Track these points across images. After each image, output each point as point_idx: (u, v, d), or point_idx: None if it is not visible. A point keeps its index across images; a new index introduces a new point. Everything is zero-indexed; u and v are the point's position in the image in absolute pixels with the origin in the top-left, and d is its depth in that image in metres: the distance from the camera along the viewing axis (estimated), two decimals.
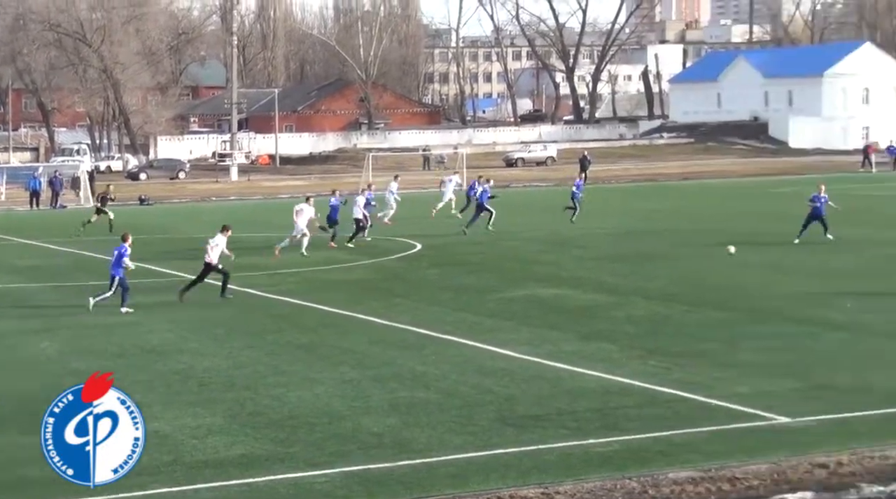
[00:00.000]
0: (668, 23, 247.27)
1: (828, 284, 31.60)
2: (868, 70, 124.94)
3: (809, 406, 18.60)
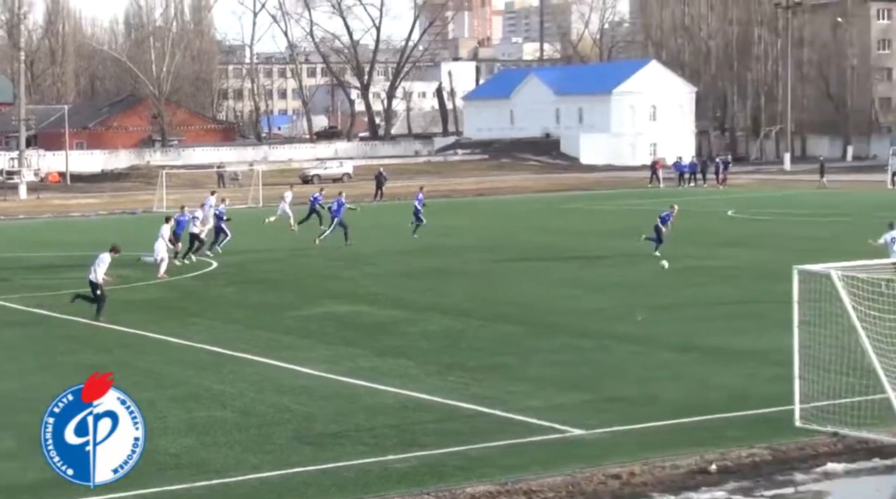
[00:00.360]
0: (461, 40, 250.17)
1: (619, 298, 32.33)
2: (655, 88, 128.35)
3: (602, 418, 19.02)
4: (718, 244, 46.14)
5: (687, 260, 40.30)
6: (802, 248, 42.39)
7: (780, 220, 56.50)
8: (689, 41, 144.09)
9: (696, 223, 55.51)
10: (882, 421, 17.63)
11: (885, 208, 60.61)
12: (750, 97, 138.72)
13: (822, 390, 18.61)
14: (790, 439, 17.48)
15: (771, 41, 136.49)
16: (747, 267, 38.21)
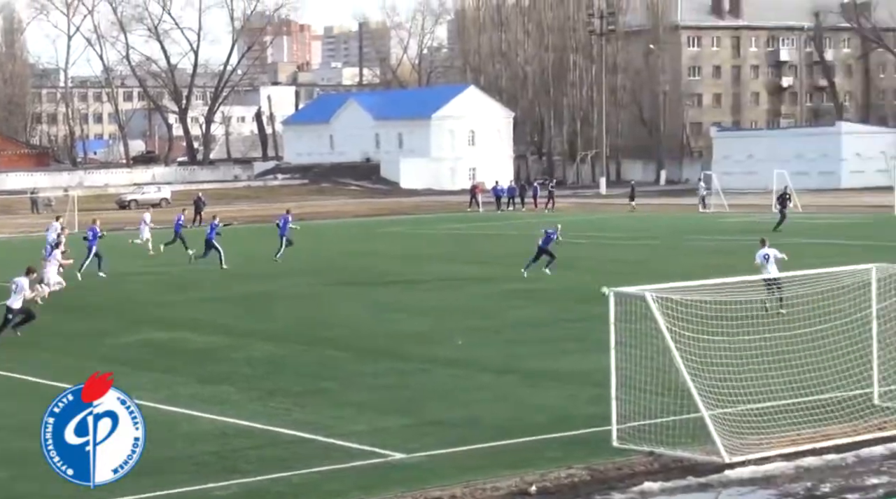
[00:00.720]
0: (280, 65, 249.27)
1: (440, 322, 32.50)
2: (473, 113, 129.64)
3: (423, 441, 19.08)
4: (537, 267, 46.69)
5: (507, 283, 40.71)
6: (617, 270, 43.18)
7: (595, 243, 57.49)
8: (507, 67, 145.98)
9: (515, 247, 56.16)
10: (696, 440, 18.03)
11: (693, 232, 62.24)
12: (566, 122, 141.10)
13: (638, 409, 18.97)
14: (608, 459, 17.76)
15: (586, 67, 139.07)
16: (565, 289, 38.74)
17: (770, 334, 21.11)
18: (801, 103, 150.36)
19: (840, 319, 20.68)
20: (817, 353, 20.81)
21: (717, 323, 19.77)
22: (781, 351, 21.22)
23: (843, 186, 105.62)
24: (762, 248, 32.05)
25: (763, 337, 21.07)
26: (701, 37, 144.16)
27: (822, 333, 20.84)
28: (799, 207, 77.25)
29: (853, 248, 49.91)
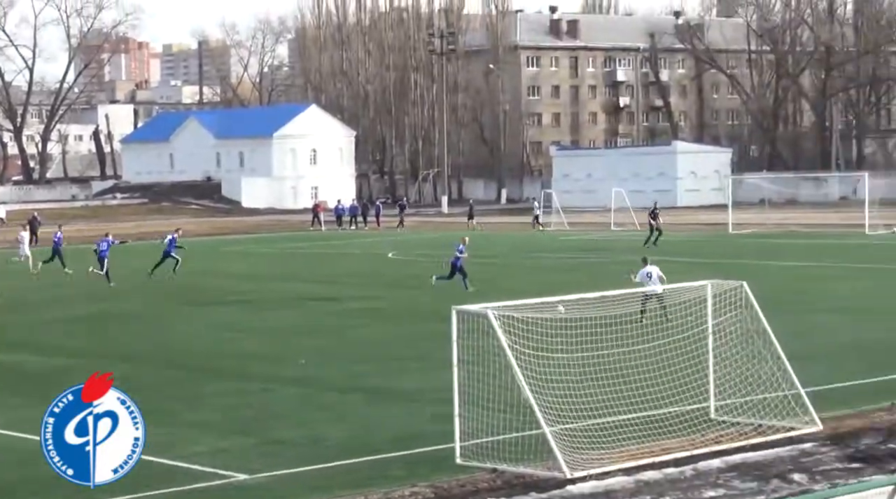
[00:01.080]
0: (118, 83, 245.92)
1: (282, 341, 32.35)
2: (315, 131, 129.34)
3: (266, 462, 18.96)
4: (380, 285, 46.80)
5: (349, 302, 40.69)
6: (458, 288, 43.45)
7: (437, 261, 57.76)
8: (348, 86, 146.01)
9: (357, 266, 56.21)
10: (538, 456, 18.22)
11: (533, 249, 62.94)
12: (408, 141, 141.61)
13: (481, 427, 19.10)
14: (452, 477, 17.84)
15: (427, 86, 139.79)
16: (408, 308, 38.87)
17: (610, 350, 21.45)
18: (638, 123, 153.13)
19: (677, 334, 21.10)
20: (656, 368, 21.21)
21: (558, 340, 20.02)
22: (621, 367, 21.58)
23: (679, 205, 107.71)
24: (644, 266, 32.83)
25: (603, 353, 21.39)
26: (540, 57, 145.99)
27: (660, 348, 21.24)
28: (637, 224, 78.63)
29: (689, 265, 50.95)
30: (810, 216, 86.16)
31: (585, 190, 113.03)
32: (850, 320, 33.94)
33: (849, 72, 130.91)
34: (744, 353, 21.14)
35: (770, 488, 16.96)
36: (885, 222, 69.61)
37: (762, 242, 65.10)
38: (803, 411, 20.27)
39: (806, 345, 28.30)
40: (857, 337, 30.74)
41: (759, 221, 77.80)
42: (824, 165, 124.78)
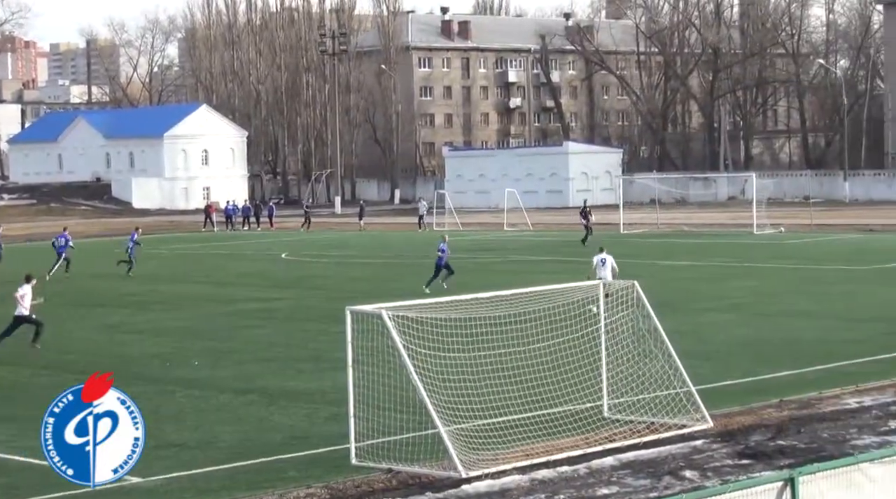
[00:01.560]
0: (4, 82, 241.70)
1: (176, 343, 32.03)
2: (206, 132, 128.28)
3: (161, 464, 18.74)
4: (273, 286, 46.54)
5: (243, 303, 40.42)
6: (353, 288, 43.38)
7: (330, 262, 57.62)
8: (240, 86, 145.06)
9: (250, 267, 55.85)
10: (434, 456, 18.24)
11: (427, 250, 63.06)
12: (301, 141, 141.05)
13: (377, 427, 19.08)
14: (347, 477, 17.80)
15: (319, 87, 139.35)
16: (302, 308, 38.72)
17: (504, 350, 21.54)
18: (530, 123, 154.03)
19: (571, 334, 21.24)
20: (550, 367, 21.34)
21: (452, 340, 20.05)
22: (516, 366, 21.67)
23: (571, 205, 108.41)
24: (600, 253, 35.53)
25: (497, 353, 21.47)
26: (431, 58, 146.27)
27: (554, 347, 21.37)
28: (530, 225, 79.08)
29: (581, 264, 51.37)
30: (699, 216, 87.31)
31: (478, 190, 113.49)
32: (740, 319, 34.43)
33: (736, 74, 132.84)
34: (636, 351, 21.35)
35: (662, 484, 17.14)
36: (771, 222, 70.72)
37: (653, 241, 65.83)
38: (694, 408, 20.52)
39: (697, 343, 28.67)
40: (746, 335, 31.20)
41: (649, 220, 78.66)
42: (713, 165, 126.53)
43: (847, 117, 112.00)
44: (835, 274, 45.84)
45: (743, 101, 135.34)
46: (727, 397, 22.83)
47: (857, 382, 24.08)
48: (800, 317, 34.37)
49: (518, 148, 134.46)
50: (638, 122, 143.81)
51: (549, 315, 21.04)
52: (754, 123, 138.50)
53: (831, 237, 64.86)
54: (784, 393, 23.04)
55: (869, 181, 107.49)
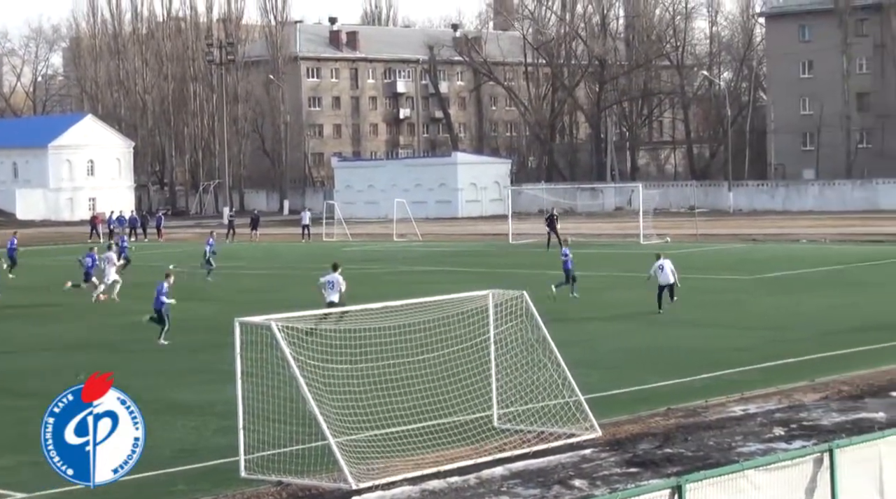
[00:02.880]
0: None
1: (59, 356, 31.54)
2: (92, 142, 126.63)
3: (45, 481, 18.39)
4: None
5: (129, 315, 39.92)
6: (244, 300, 43.08)
7: (221, 272, 57.18)
8: (126, 96, 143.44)
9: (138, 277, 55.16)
10: (324, 467, 18.16)
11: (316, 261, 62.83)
12: (188, 152, 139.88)
13: (266, 439, 18.95)
14: (236, 490, 17.66)
15: (206, 97, 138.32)
16: (191, 319, 38.32)
17: (394, 360, 21.52)
18: (419, 134, 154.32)
19: (460, 344, 21.28)
20: (440, 378, 21.36)
21: (342, 351, 19.99)
22: (405, 377, 21.66)
23: (460, 215, 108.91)
24: (658, 260, 38.00)
25: (386, 363, 21.45)
26: (320, 68, 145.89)
27: (444, 358, 21.40)
28: (419, 235, 79.18)
29: (471, 274, 51.53)
30: (587, 226, 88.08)
31: (367, 201, 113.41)
32: (628, 328, 34.76)
33: (622, 85, 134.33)
34: (525, 361, 21.46)
35: (552, 494, 17.22)
36: (658, 232, 71.54)
37: (540, 251, 66.22)
38: (583, 417, 20.66)
39: (586, 352, 28.89)
40: (634, 344, 31.51)
41: (537, 231, 79.21)
42: (600, 175, 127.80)
43: (731, 128, 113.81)
44: (721, 283, 46.49)
45: (629, 113, 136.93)
46: (616, 406, 23.03)
47: (743, 390, 24.43)
48: (687, 326, 34.79)
49: (407, 158, 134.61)
50: (526, 133, 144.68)
51: (439, 326, 21.07)
52: (640, 134, 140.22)
53: (716, 247, 65.78)
54: (671, 401, 23.29)
55: (752, 191, 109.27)
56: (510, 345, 21.28)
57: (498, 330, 21.18)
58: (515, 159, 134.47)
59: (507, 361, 21.27)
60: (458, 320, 21.13)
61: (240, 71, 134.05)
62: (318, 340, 19.46)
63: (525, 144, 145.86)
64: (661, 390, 24.93)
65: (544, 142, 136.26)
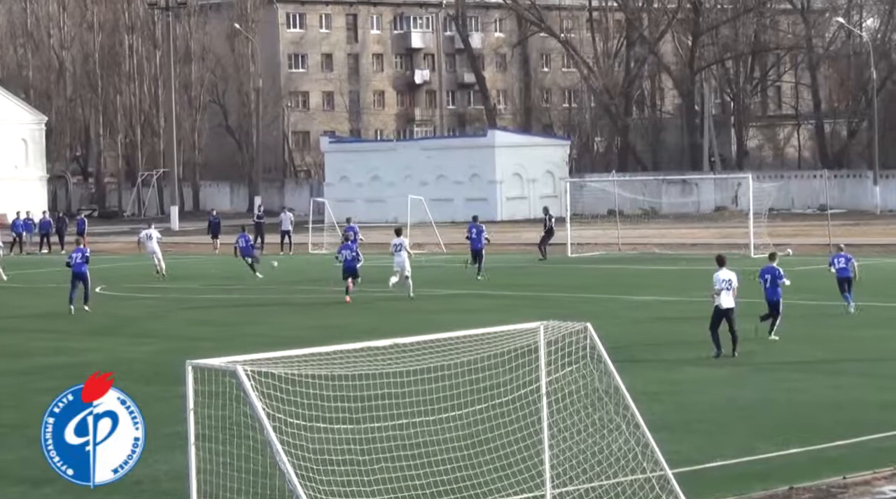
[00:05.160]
0: None
1: None
2: None
3: None
4: (84, 333, 46.17)
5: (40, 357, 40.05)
6: (200, 335, 43.15)
7: (164, 297, 57.26)
8: (35, 52, 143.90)
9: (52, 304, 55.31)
10: None
11: (300, 280, 62.85)
12: (122, 130, 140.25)
13: None
14: None
15: (148, 54, 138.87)
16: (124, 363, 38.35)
17: (408, 420, 21.48)
18: (442, 105, 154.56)
19: (500, 398, 21.22)
20: (471, 445, 21.29)
21: (336, 406, 19.94)
22: (424, 443, 21.60)
23: (499, 218, 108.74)
24: (721, 271, 37.46)
25: (399, 424, 21.41)
26: (305, 14, 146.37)
27: (476, 417, 21.33)
28: (442, 246, 79.18)
29: (513, 300, 51.48)
30: (676, 232, 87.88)
31: (370, 198, 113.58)
32: (732, 374, 34.61)
33: (724, 37, 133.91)
34: (590, 421, 21.39)
35: None
36: (775, 242, 71.31)
37: (611, 268, 66.10)
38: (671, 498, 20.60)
39: (674, 409, 28.79)
40: (740, 397, 31.37)
41: (606, 239, 79.03)
42: (694, 163, 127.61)
43: (877, 97, 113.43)
44: (864, 313, 46.33)
45: (734, 76, 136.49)
46: (716, 484, 22.95)
47: None
48: (814, 372, 34.65)
49: (426, 139, 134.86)
50: (591, 104, 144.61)
51: (472, 372, 21.01)
52: (750, 106, 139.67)
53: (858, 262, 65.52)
54: (795, 478, 23.21)
55: None
56: (569, 398, 21.22)
57: (552, 377, 21.10)
58: (576, 140, 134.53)
59: (565, 420, 21.21)
60: (496, 364, 21.08)
61: (194, 17, 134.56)
62: (304, 390, 19.43)
63: (589, 120, 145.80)
64: (779, 461, 24.83)
65: (616, 117, 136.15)
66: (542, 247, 71.59)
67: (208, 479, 18.94)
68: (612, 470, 21.07)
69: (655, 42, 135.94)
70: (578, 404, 21.31)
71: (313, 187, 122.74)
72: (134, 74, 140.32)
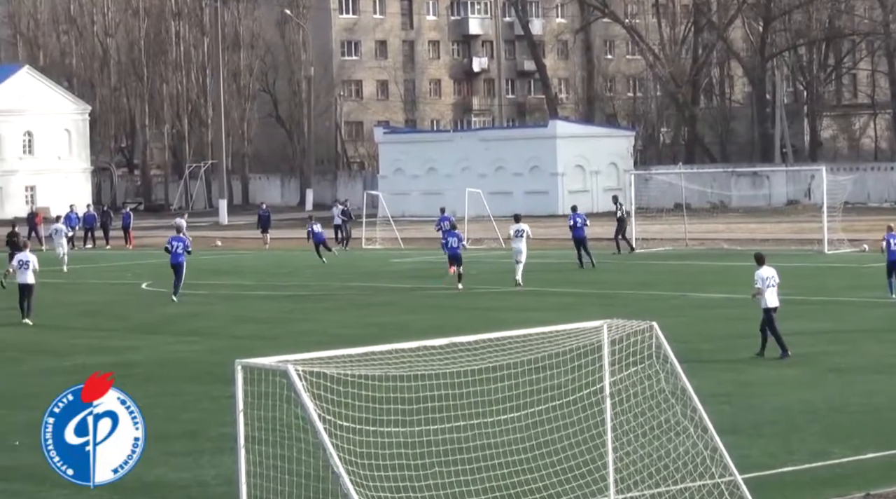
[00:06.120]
0: None
1: None
2: (30, 105, 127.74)
3: None
4: (130, 331, 46.32)
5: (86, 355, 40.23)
6: (249, 333, 43.27)
7: (213, 294, 57.43)
8: (79, 39, 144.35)
9: (96, 301, 55.60)
10: None
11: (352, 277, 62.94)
12: (168, 121, 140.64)
13: None
14: None
15: (195, 41, 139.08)
16: (171, 362, 38.52)
17: (465, 422, 21.49)
18: (500, 95, 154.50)
19: (561, 398, 21.21)
20: (530, 448, 21.29)
21: (389, 408, 19.97)
22: (481, 446, 21.62)
23: (560, 212, 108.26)
24: (761, 269, 37.28)
25: (455, 426, 21.41)
26: (358, 0, 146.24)
27: (535, 419, 21.32)
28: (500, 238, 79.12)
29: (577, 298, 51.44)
30: (746, 227, 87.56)
31: (426, 191, 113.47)
32: (805, 376, 34.50)
33: (797, 23, 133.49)
34: (656, 424, 21.36)
35: None
36: (850, 237, 71.03)
37: (678, 264, 65.95)
38: None
39: (744, 411, 28.70)
40: (813, 399, 31.26)
41: (673, 234, 78.86)
42: (765, 155, 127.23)
43: None
44: None
45: (807, 63, 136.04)
46: (789, 490, 22.89)
47: None
48: (891, 373, 34.50)
49: (484, 129, 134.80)
50: (657, 93, 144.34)
51: (530, 373, 21.01)
52: (824, 95, 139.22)
53: None
54: (872, 484, 23.12)
55: None
56: (634, 400, 21.20)
57: (616, 378, 21.09)
58: (641, 131, 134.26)
59: (630, 423, 21.19)
60: (558, 364, 21.07)
61: (242, 3, 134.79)
62: (357, 391, 19.46)
63: (655, 110, 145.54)
64: (854, 466, 24.75)
65: (683, 106, 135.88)
66: (619, 241, 71.42)
67: (258, 483, 18.98)
68: (679, 475, 21.05)
69: (724, 28, 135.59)
70: (644, 405, 21.28)
71: (367, 180, 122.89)
72: (181, 62, 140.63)
